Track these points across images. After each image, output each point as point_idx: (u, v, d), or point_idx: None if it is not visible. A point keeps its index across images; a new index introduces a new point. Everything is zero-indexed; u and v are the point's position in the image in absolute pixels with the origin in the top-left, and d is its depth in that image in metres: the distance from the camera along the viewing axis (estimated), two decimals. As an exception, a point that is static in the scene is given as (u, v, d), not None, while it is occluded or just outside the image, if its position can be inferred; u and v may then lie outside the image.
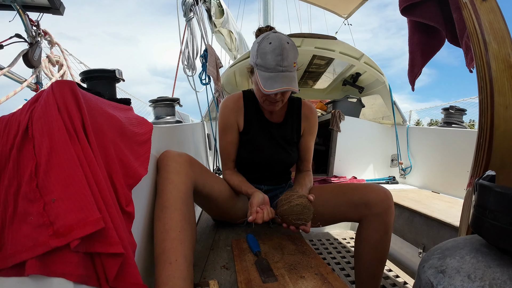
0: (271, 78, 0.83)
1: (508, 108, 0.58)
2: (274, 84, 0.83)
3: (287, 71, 0.84)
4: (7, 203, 0.39)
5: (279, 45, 0.82)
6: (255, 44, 0.88)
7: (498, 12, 0.62)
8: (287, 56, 0.83)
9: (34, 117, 0.42)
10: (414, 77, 0.94)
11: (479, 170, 0.61)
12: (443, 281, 0.39)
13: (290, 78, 0.84)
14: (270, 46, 0.83)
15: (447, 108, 2.04)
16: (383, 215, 0.82)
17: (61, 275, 0.37)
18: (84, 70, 0.83)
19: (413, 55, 0.92)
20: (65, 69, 1.65)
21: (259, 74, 0.86)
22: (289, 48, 0.84)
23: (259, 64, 0.86)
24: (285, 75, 0.84)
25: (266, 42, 0.84)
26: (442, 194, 1.75)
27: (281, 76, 0.83)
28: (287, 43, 0.84)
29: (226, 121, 1.01)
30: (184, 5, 1.72)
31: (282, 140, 1.05)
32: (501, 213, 0.36)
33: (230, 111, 1.01)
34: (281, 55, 0.82)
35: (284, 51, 0.82)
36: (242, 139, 1.04)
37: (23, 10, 1.32)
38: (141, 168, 0.58)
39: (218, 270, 0.79)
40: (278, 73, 0.83)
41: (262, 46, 0.85)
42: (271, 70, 0.83)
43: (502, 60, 0.59)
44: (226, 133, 1.02)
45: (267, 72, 0.84)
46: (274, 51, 0.82)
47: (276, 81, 0.83)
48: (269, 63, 0.83)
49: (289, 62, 0.83)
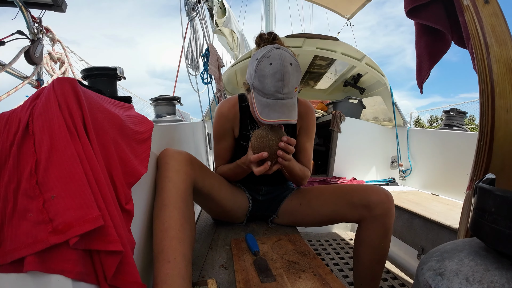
0: (268, 106, 0.74)
1: (509, 111, 0.58)
2: (271, 113, 0.74)
3: (287, 98, 0.74)
4: (7, 199, 0.39)
5: (280, 69, 0.72)
6: (254, 61, 0.77)
7: (500, 15, 0.62)
8: (288, 82, 0.73)
9: (35, 114, 0.42)
10: (422, 80, 0.94)
11: (479, 173, 0.61)
12: (441, 284, 0.39)
13: (289, 107, 0.75)
14: (270, 68, 0.72)
15: (448, 111, 2.04)
16: (383, 217, 0.81)
17: (60, 272, 0.37)
18: (85, 68, 0.83)
19: (420, 58, 0.92)
20: (67, 67, 1.65)
21: (256, 98, 0.77)
22: (292, 72, 0.73)
23: (256, 87, 0.76)
24: (285, 104, 0.74)
25: (266, 62, 0.74)
26: (442, 196, 1.75)
27: (280, 104, 0.74)
28: (290, 64, 0.73)
29: (221, 129, 0.99)
30: (186, 4, 1.72)
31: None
32: (501, 217, 0.36)
33: (225, 119, 0.98)
34: (282, 80, 0.72)
35: (286, 76, 0.72)
36: (238, 145, 1.02)
37: (25, 7, 1.32)
38: (141, 166, 0.58)
39: (217, 269, 0.79)
40: (277, 101, 0.74)
41: (261, 67, 0.74)
42: (269, 97, 0.74)
43: (504, 63, 0.59)
44: (221, 140, 1.01)
45: (265, 98, 0.75)
46: (275, 76, 0.72)
47: (274, 110, 0.74)
48: (268, 88, 0.73)
49: (290, 88, 0.74)
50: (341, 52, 2.19)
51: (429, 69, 0.91)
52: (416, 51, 0.93)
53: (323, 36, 2.03)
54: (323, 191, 0.98)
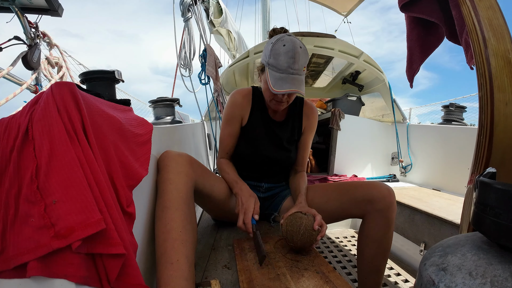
0: (281, 79, 0.85)
1: (508, 105, 0.58)
2: (283, 84, 0.85)
3: (297, 74, 0.86)
4: (8, 205, 0.39)
5: (292, 48, 0.84)
6: (269, 44, 0.90)
7: (497, 8, 0.61)
8: (298, 60, 0.85)
9: (34, 119, 0.42)
10: (412, 73, 0.94)
11: (480, 167, 0.61)
12: (444, 279, 0.39)
13: (299, 81, 0.86)
14: (284, 48, 0.85)
15: (447, 106, 2.04)
16: (385, 211, 0.83)
17: (63, 276, 0.37)
18: (83, 72, 0.82)
19: (411, 51, 0.92)
20: (65, 71, 1.64)
21: (270, 74, 0.88)
22: (301, 53, 0.86)
23: (271, 64, 0.87)
24: (295, 78, 0.86)
25: (281, 43, 0.86)
26: (443, 191, 1.75)
27: (291, 78, 0.85)
28: (300, 47, 0.86)
29: (232, 113, 1.03)
30: (182, 5, 1.71)
31: (283, 138, 1.06)
32: (502, 210, 0.36)
33: (238, 105, 1.03)
34: (293, 58, 0.84)
35: (297, 55, 0.84)
36: (244, 133, 1.05)
37: (21, 12, 1.32)
38: (142, 168, 0.58)
39: (220, 269, 0.79)
40: (289, 75, 0.85)
41: (276, 47, 0.86)
42: (282, 71, 0.85)
43: (502, 56, 0.59)
44: (228, 124, 1.04)
45: (278, 72, 0.86)
46: (288, 54, 0.84)
47: (286, 82, 0.85)
48: (281, 64, 0.85)
49: (299, 65, 0.85)
50: (339, 50, 2.19)
51: (421, 62, 0.91)
52: (408, 44, 0.93)
53: (321, 34, 2.03)
54: (325, 189, 0.99)
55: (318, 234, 0.80)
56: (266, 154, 1.04)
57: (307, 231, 0.78)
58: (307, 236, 0.79)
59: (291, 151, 1.08)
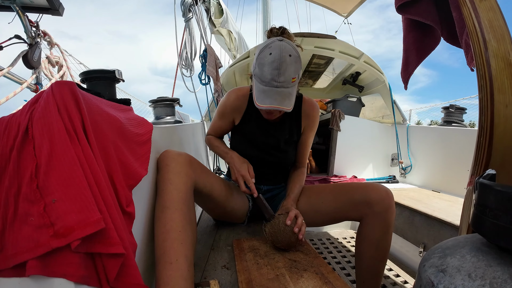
0: (264, 92, 0.80)
1: (508, 106, 0.58)
2: (265, 99, 0.80)
3: (282, 87, 0.79)
4: (8, 204, 0.39)
5: (278, 58, 0.77)
6: (257, 52, 0.84)
7: (497, 10, 0.62)
8: (284, 71, 0.77)
9: (34, 118, 0.42)
10: (408, 75, 0.94)
11: (480, 169, 0.61)
12: (443, 280, 0.39)
13: (283, 95, 0.80)
14: (269, 57, 0.78)
15: (447, 107, 2.04)
16: (384, 214, 0.82)
17: (62, 276, 0.37)
18: (83, 71, 0.83)
19: (407, 53, 0.92)
20: (65, 70, 1.65)
21: (255, 84, 0.83)
22: (290, 62, 0.78)
23: (255, 74, 0.83)
24: (279, 92, 0.79)
25: (267, 51, 0.79)
26: (443, 193, 1.75)
27: (274, 92, 0.79)
28: (289, 56, 0.78)
29: (224, 111, 1.03)
30: (183, 5, 1.72)
31: (281, 140, 1.03)
32: (502, 212, 0.36)
33: (229, 105, 1.02)
34: (278, 69, 0.77)
35: (283, 65, 0.77)
36: (238, 134, 1.06)
37: (22, 11, 1.32)
38: (141, 168, 0.58)
39: (219, 270, 0.79)
40: (272, 88, 0.79)
41: (262, 56, 0.80)
42: (265, 84, 0.79)
43: (502, 58, 0.59)
44: (220, 118, 1.06)
45: (262, 84, 0.80)
46: (272, 64, 0.77)
47: (268, 96, 0.79)
48: (265, 75, 0.79)
49: (286, 77, 0.78)
50: (339, 51, 2.19)
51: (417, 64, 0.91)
52: (404, 46, 0.93)
53: (321, 35, 2.03)
54: (323, 189, 0.98)
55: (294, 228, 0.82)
56: (262, 156, 1.03)
57: (286, 227, 0.82)
58: (288, 231, 0.81)
59: (288, 152, 1.05)
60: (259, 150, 1.03)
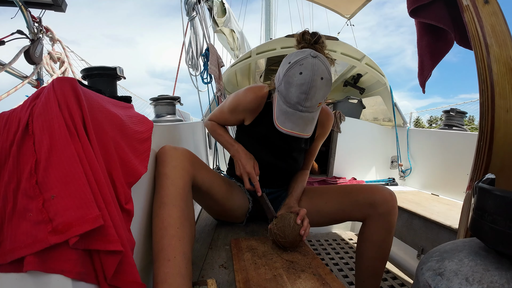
0: (286, 114, 0.74)
1: (508, 111, 0.58)
2: (286, 122, 0.74)
3: (307, 111, 0.73)
4: (7, 199, 0.39)
5: (308, 81, 0.69)
6: (286, 64, 0.74)
7: (500, 15, 0.62)
8: (313, 97, 0.71)
9: (35, 114, 0.42)
10: (424, 79, 0.94)
11: (479, 173, 0.61)
12: (441, 284, 0.39)
13: (306, 121, 0.75)
14: (299, 77, 0.70)
15: (448, 111, 2.04)
16: (387, 215, 0.83)
17: (60, 272, 0.37)
18: (85, 68, 0.82)
19: (422, 57, 0.92)
20: (66, 66, 1.65)
21: (277, 102, 0.77)
22: (320, 86, 0.71)
23: (280, 91, 0.75)
24: (303, 116, 0.74)
25: (297, 70, 0.71)
26: (442, 196, 1.75)
27: (298, 116, 0.73)
28: (320, 78, 0.70)
29: (237, 107, 0.96)
30: (186, 4, 1.72)
31: (294, 148, 1.01)
32: (500, 217, 0.36)
33: (244, 105, 0.94)
34: (306, 93, 0.70)
35: (312, 90, 0.70)
36: (248, 135, 1.02)
37: (25, 6, 1.32)
38: (141, 166, 0.58)
39: (217, 269, 0.79)
40: (296, 112, 0.73)
41: (291, 74, 0.72)
42: (289, 105, 0.73)
43: (504, 63, 0.59)
44: (230, 112, 0.99)
45: (285, 105, 0.74)
46: (300, 87, 0.70)
47: (290, 120, 0.74)
48: (291, 97, 0.72)
49: (313, 103, 0.72)
50: (341, 52, 2.19)
51: (432, 68, 0.91)
52: (418, 51, 0.93)
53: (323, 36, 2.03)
54: (326, 190, 0.99)
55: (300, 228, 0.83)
56: (274, 162, 1.00)
57: (296, 225, 0.82)
58: (297, 229, 0.82)
59: (298, 159, 1.04)
60: (272, 156, 1.00)
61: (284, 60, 0.77)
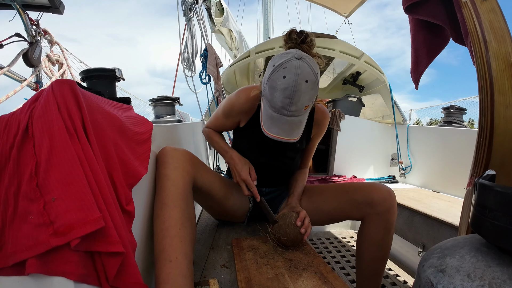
0: (272, 118, 0.73)
1: (508, 108, 0.58)
2: (272, 127, 0.73)
3: (292, 115, 0.71)
4: (8, 202, 0.39)
5: (292, 85, 0.67)
6: (271, 67, 0.72)
7: (498, 11, 0.61)
8: (297, 101, 0.69)
9: (34, 116, 0.42)
10: (418, 75, 0.93)
11: (479, 170, 0.61)
12: (442, 280, 0.39)
13: (292, 125, 0.73)
14: (282, 82, 0.68)
15: (448, 108, 2.04)
16: (386, 214, 0.82)
17: (61, 274, 0.37)
18: (84, 69, 0.83)
19: (417, 53, 0.91)
20: (65, 68, 1.65)
21: (264, 106, 0.76)
22: (305, 90, 0.68)
23: (265, 96, 0.74)
24: (289, 121, 0.72)
25: (281, 73, 0.68)
26: (442, 193, 1.75)
27: (283, 121, 0.72)
28: (305, 81, 0.68)
29: (231, 110, 0.96)
30: (184, 5, 1.72)
31: (288, 147, 1.01)
32: (501, 213, 0.36)
33: (238, 107, 0.94)
34: (290, 98, 0.68)
35: (296, 94, 0.68)
36: (244, 136, 1.02)
37: (23, 9, 1.32)
38: (141, 167, 0.58)
39: (218, 269, 0.79)
40: (282, 116, 0.71)
41: (274, 78, 0.69)
42: (274, 110, 0.71)
43: (502, 59, 0.59)
44: (225, 117, 0.99)
45: (270, 109, 0.72)
46: (284, 92, 0.68)
47: (275, 125, 0.73)
48: (275, 102, 0.70)
49: (298, 107, 0.70)
50: (340, 50, 2.19)
51: (427, 64, 0.91)
52: (413, 46, 0.92)
53: (322, 35, 2.03)
54: (325, 189, 0.99)
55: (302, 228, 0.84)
56: (270, 163, 1.01)
57: (296, 225, 0.83)
58: (299, 227, 0.83)
59: (295, 158, 1.04)
60: (267, 157, 1.00)
61: (270, 63, 0.75)
